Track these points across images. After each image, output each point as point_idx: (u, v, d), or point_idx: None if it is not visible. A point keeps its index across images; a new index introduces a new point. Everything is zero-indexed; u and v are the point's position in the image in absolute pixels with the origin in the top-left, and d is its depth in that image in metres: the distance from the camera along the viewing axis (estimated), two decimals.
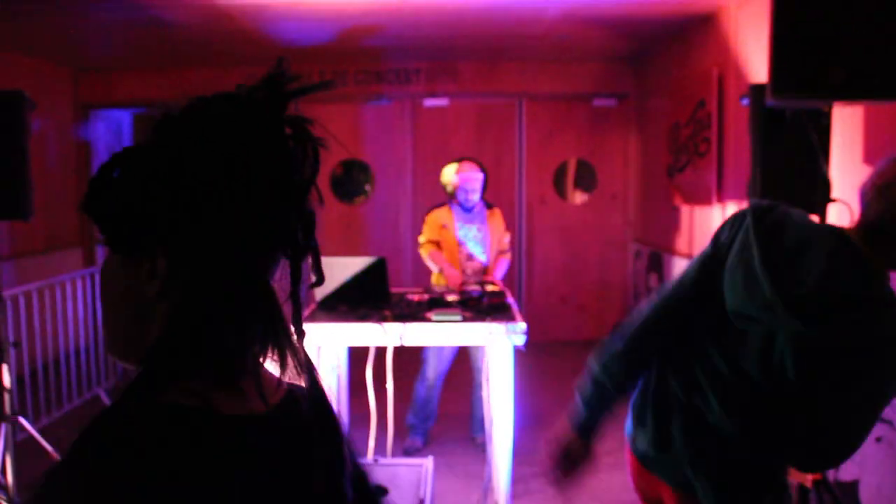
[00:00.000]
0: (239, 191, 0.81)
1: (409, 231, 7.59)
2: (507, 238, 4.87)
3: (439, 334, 3.37)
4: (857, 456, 3.46)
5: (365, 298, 3.68)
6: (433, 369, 4.56)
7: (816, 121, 2.90)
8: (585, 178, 7.86)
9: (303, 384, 0.93)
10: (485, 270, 4.73)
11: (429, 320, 3.36)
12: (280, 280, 0.90)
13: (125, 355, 0.87)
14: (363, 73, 7.40)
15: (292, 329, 0.89)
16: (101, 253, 7.72)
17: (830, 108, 2.85)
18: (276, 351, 0.86)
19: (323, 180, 7.49)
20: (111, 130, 8.18)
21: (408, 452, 4.51)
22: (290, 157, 0.86)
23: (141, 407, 0.77)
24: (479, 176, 4.71)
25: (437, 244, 4.72)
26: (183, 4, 4.98)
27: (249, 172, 0.82)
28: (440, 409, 4.82)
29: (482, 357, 4.54)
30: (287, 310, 0.90)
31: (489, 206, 4.85)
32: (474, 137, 7.65)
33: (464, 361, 4.74)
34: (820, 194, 2.81)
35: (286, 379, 0.89)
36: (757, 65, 4.61)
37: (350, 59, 7.19)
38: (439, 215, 4.82)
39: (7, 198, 3.17)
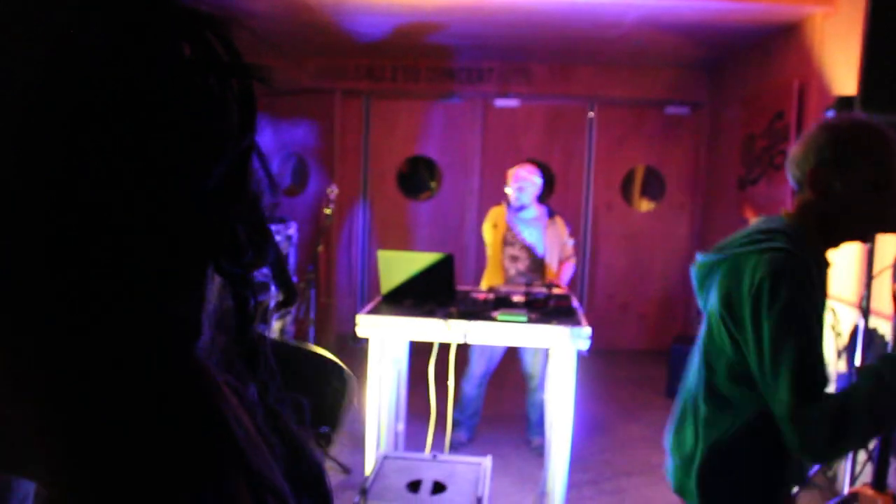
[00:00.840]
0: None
1: (473, 230, 7.58)
2: (570, 243, 4.81)
3: (504, 334, 3.37)
4: None
5: (430, 294, 3.69)
6: (479, 368, 4.57)
7: None
8: (653, 186, 7.76)
9: None
10: (538, 275, 4.68)
11: (494, 320, 3.35)
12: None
13: None
14: (435, 70, 7.43)
15: None
16: None
17: None
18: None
19: (390, 175, 7.61)
20: None
21: (453, 447, 4.51)
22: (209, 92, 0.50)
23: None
24: (530, 176, 4.64)
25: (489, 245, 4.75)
26: None
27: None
28: (496, 409, 4.82)
29: (536, 360, 4.54)
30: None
31: (552, 214, 4.79)
32: (544, 140, 7.62)
33: (514, 361, 4.74)
34: None
35: None
36: (840, 77, 4.48)
37: (422, 56, 7.22)
38: (493, 214, 4.83)
39: None
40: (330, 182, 6.16)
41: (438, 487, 2.73)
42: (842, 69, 4.46)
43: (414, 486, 2.74)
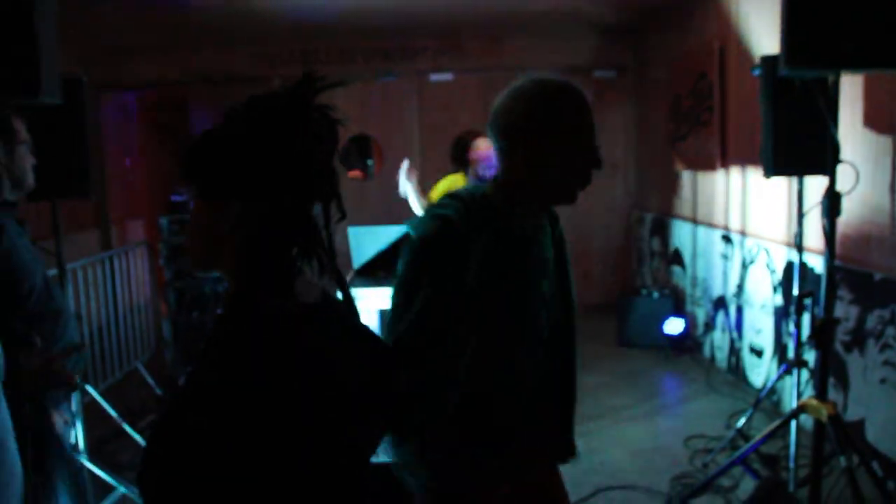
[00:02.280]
0: (287, 158, 1.21)
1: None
2: None
3: None
4: (864, 397, 3.77)
5: None
6: None
7: (824, 88, 3.14)
8: None
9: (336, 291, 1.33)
10: None
11: None
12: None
13: (203, 268, 1.30)
14: (370, 50, 7.59)
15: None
16: (115, 235, 7.93)
17: (838, 77, 3.09)
18: (316, 262, 1.25)
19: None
20: (118, 111, 8.33)
21: None
22: (317, 134, 1.26)
23: (252, 310, 1.18)
24: (493, 152, 4.95)
25: (428, 200, 5.04)
26: None
27: (292, 146, 1.22)
28: None
29: None
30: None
31: None
32: (479, 111, 7.82)
33: None
34: (830, 158, 3.06)
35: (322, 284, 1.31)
36: (757, 37, 4.85)
37: (357, 37, 7.37)
38: (451, 180, 5.10)
39: (72, 177, 3.39)
40: None
41: None
42: (758, 29, 4.83)
43: None
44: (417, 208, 4.90)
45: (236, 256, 1.22)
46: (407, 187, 4.78)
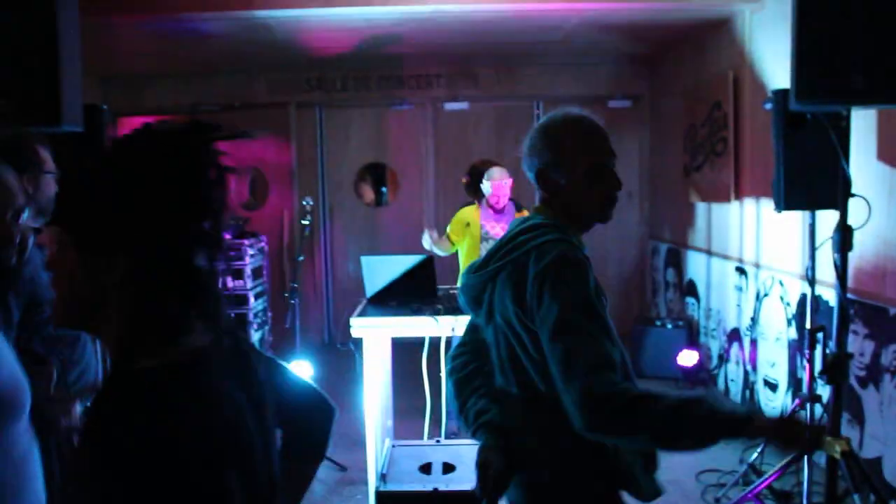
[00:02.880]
0: (174, 205, 1.10)
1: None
2: None
3: None
4: (881, 433, 3.71)
5: (413, 293, 3.94)
6: None
7: (836, 122, 3.14)
8: None
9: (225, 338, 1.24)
10: None
11: None
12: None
13: (76, 326, 1.24)
14: (386, 78, 7.66)
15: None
16: None
17: (849, 111, 3.09)
18: (204, 313, 1.18)
19: (347, 184, 7.81)
20: None
21: (448, 436, 4.78)
22: (209, 180, 1.13)
23: (126, 378, 1.10)
24: (508, 181, 5.02)
25: (449, 240, 5.15)
26: (225, 17, 5.23)
27: (181, 191, 1.10)
28: None
29: None
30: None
31: (519, 207, 5.14)
32: (493, 139, 7.91)
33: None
34: (841, 192, 3.05)
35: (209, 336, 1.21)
36: (770, 67, 4.86)
37: (373, 65, 7.44)
38: (465, 213, 5.15)
39: None
40: (300, 194, 6.37)
41: (448, 468, 2.98)
42: (772, 59, 4.84)
43: (425, 469, 2.98)
44: (437, 252, 5.04)
45: (119, 311, 1.13)
46: (428, 245, 5.03)
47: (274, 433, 1.31)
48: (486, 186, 5.07)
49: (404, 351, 4.68)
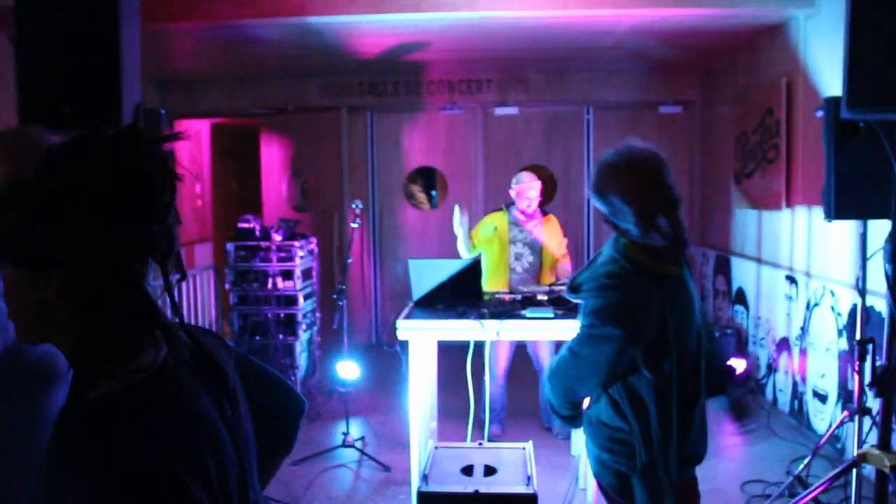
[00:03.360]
0: (110, 216, 1.05)
1: None
2: (564, 243, 5.18)
3: (533, 329, 3.67)
4: None
5: (459, 297, 3.98)
6: (497, 368, 4.98)
7: (889, 130, 3.10)
8: None
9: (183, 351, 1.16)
10: (540, 275, 5.06)
11: (523, 317, 3.65)
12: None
13: (33, 341, 1.17)
14: (436, 83, 7.73)
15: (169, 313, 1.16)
16: (184, 258, 8.19)
17: None
18: (156, 325, 1.12)
19: (397, 187, 7.89)
20: (191, 139, 8.64)
21: (491, 438, 4.82)
22: (150, 187, 1.07)
23: (85, 410, 1.05)
24: (536, 185, 5.03)
25: (472, 239, 5.12)
26: (277, 23, 5.34)
27: (118, 201, 1.05)
28: (514, 405, 5.18)
29: (546, 354, 4.90)
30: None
31: (545, 213, 5.17)
32: (543, 144, 7.92)
33: (522, 361, 5.12)
34: (893, 202, 3.01)
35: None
36: (825, 74, 4.79)
37: (423, 70, 7.51)
38: (493, 218, 5.19)
39: None
40: (350, 197, 6.47)
41: (489, 470, 3.01)
42: (826, 66, 4.77)
43: (467, 471, 3.02)
44: (463, 250, 5.00)
45: (68, 328, 1.10)
46: (459, 231, 4.90)
47: (250, 438, 1.26)
48: (513, 191, 5.10)
49: (449, 353, 4.74)
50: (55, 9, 3.00)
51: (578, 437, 3.78)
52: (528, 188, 5.01)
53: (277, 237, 5.80)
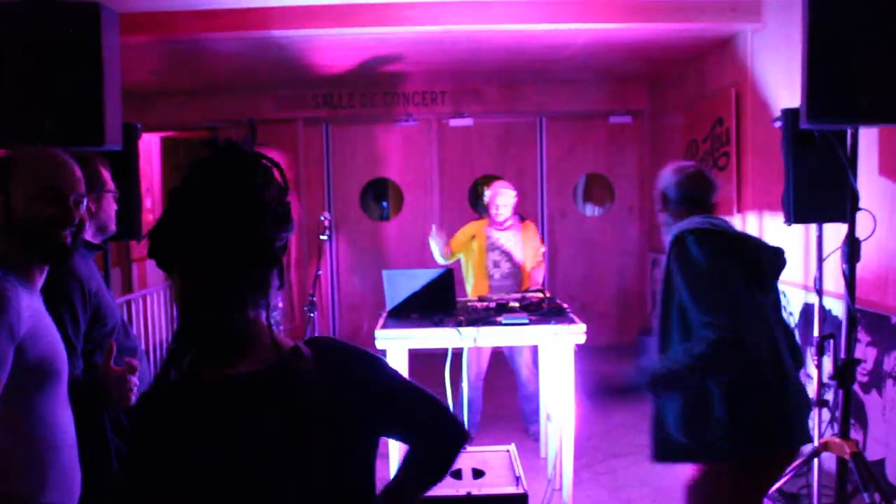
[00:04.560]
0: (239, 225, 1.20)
1: None
2: (542, 250, 5.31)
3: (509, 336, 3.78)
4: (883, 436, 3.86)
5: (433, 306, 4.07)
6: (472, 372, 5.05)
7: (842, 140, 3.30)
8: (602, 192, 8.30)
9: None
10: (519, 281, 5.17)
11: (499, 324, 3.76)
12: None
13: None
14: (391, 94, 7.82)
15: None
16: (136, 274, 8.12)
17: (856, 129, 3.25)
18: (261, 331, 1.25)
19: (352, 199, 7.94)
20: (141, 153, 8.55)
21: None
22: (274, 196, 1.25)
23: (159, 384, 1.22)
24: (508, 193, 5.17)
25: (451, 248, 5.26)
26: (240, 37, 5.35)
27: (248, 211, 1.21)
28: (492, 412, 5.29)
29: (523, 359, 5.01)
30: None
31: (522, 218, 5.30)
32: (497, 155, 8.07)
33: (499, 366, 5.22)
34: (849, 206, 3.21)
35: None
36: (772, 85, 5.04)
37: (379, 82, 7.59)
38: (472, 227, 5.33)
39: (123, 220, 3.54)
40: (306, 209, 6.47)
41: (478, 473, 3.11)
42: (772, 78, 5.01)
43: (456, 474, 3.11)
44: (439, 258, 5.16)
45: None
46: (433, 246, 5.11)
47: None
48: (486, 197, 5.24)
49: (423, 361, 4.81)
50: (35, 23, 3.00)
51: (555, 437, 3.89)
52: (497, 195, 5.13)
53: None
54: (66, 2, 3.02)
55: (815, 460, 3.56)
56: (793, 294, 4.87)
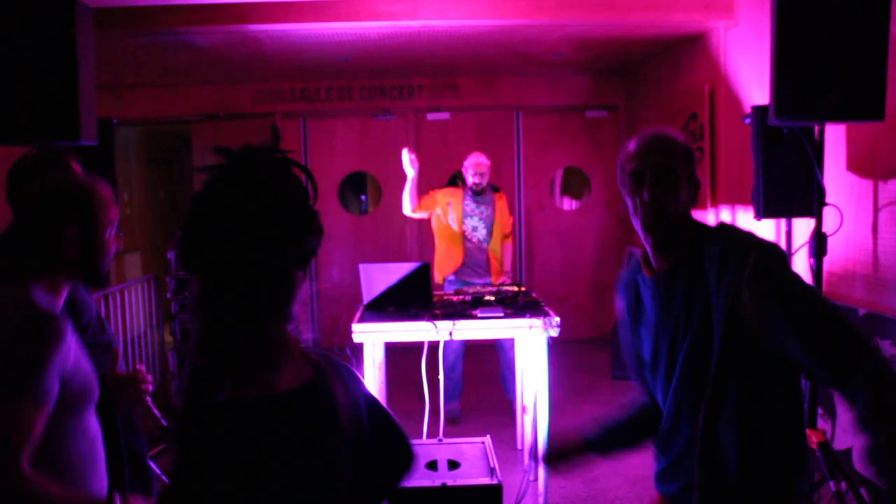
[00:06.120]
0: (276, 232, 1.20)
1: (414, 241, 8.02)
2: (511, 222, 5.58)
3: (484, 329, 3.83)
4: (851, 426, 3.95)
5: (409, 300, 4.10)
6: (448, 360, 5.12)
7: (810, 136, 3.38)
8: (579, 185, 8.36)
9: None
10: (488, 257, 5.36)
11: (475, 317, 3.80)
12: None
13: None
14: (368, 89, 7.83)
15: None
16: (113, 267, 8.06)
17: (823, 126, 3.33)
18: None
19: (330, 192, 7.95)
20: (118, 146, 8.49)
21: (450, 416, 5.01)
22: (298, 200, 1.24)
23: (193, 409, 1.19)
24: (486, 161, 5.40)
25: (420, 200, 5.41)
26: (217, 31, 5.35)
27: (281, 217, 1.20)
28: (474, 403, 5.34)
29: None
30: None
31: (495, 189, 5.46)
32: (475, 148, 8.01)
33: (479, 357, 5.25)
34: (816, 200, 3.28)
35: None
36: (745, 81, 5.11)
37: (356, 76, 7.60)
38: (447, 192, 5.53)
39: None
40: None
41: (453, 465, 3.15)
42: (745, 74, 5.08)
43: (432, 466, 3.15)
44: (406, 200, 5.29)
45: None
46: (409, 174, 5.17)
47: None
48: (465, 165, 5.42)
49: (400, 354, 4.85)
50: (9, 19, 3.00)
51: (537, 423, 3.94)
52: (475, 163, 5.25)
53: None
54: None
55: None
56: None
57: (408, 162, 5.10)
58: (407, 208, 5.31)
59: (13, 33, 2.98)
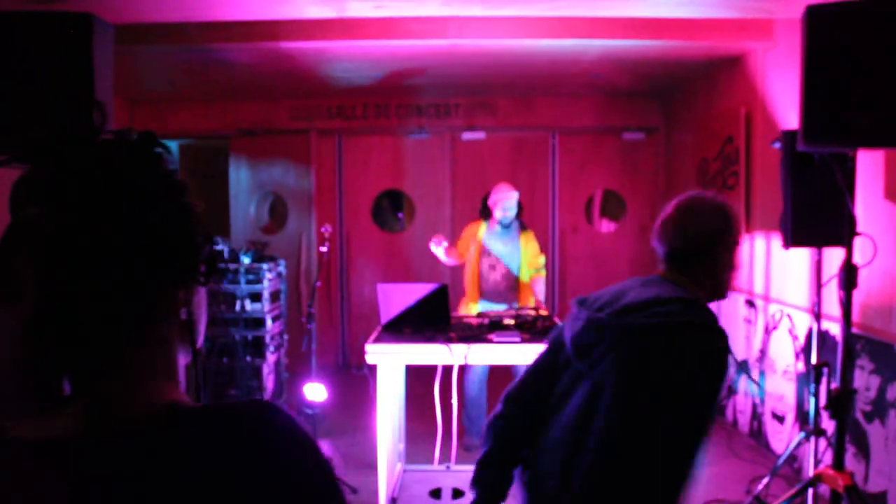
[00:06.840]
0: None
1: None
2: (541, 259, 5.27)
3: (500, 354, 3.74)
4: (886, 468, 3.76)
5: (427, 321, 4.03)
6: (478, 368, 5.03)
7: (842, 163, 3.23)
8: (615, 208, 8.22)
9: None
10: (515, 287, 5.15)
11: (491, 342, 3.71)
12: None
13: None
14: (405, 107, 7.82)
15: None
16: None
17: (855, 152, 3.18)
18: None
19: (363, 209, 7.94)
20: None
21: (468, 449, 4.89)
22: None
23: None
24: (513, 194, 5.15)
25: (457, 249, 5.33)
26: (250, 48, 5.39)
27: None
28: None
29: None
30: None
31: (524, 227, 5.27)
32: (510, 168, 8.02)
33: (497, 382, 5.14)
34: (846, 229, 3.14)
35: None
36: (783, 104, 4.96)
37: (392, 94, 7.60)
38: (472, 228, 5.35)
39: None
40: (318, 220, 6.46)
41: (457, 493, 3.07)
42: (783, 97, 4.94)
43: (435, 494, 3.07)
44: (445, 261, 5.26)
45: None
46: (438, 251, 5.13)
47: None
48: (491, 201, 5.21)
49: (419, 375, 4.78)
50: (27, 33, 3.03)
51: None
52: (503, 199, 5.11)
53: (246, 260, 5.80)
54: (59, 13, 3.04)
55: (811, 490, 3.47)
56: (799, 317, 4.78)
57: (441, 252, 5.15)
58: (451, 263, 5.33)
59: (31, 49, 3.01)
